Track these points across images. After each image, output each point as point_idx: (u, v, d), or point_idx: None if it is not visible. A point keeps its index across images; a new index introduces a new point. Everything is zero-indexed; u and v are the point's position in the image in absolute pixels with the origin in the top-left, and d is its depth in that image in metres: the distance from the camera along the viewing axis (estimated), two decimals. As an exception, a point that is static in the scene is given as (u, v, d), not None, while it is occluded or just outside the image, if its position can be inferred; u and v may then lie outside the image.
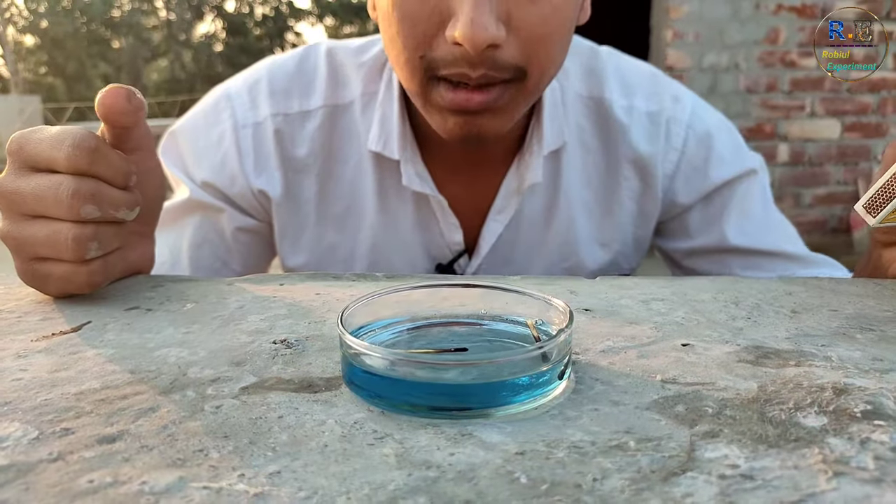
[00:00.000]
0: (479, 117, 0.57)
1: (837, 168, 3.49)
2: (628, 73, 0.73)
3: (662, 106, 0.72)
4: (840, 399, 0.29)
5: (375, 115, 0.67)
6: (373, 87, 0.69)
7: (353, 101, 0.69)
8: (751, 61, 3.33)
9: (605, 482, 0.23)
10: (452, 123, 0.57)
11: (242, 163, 0.69)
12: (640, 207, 0.73)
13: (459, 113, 0.56)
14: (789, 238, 0.75)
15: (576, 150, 0.70)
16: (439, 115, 0.58)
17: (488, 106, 0.56)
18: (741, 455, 0.25)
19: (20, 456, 0.25)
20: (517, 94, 0.57)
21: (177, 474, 0.24)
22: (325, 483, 0.23)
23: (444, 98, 0.56)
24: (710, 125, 0.74)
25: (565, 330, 0.30)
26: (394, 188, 0.69)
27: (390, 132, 0.66)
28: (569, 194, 0.71)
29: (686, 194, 0.73)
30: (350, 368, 0.31)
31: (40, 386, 0.32)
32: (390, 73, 0.68)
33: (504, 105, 0.56)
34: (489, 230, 0.70)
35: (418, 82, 0.57)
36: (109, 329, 0.40)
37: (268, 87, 0.70)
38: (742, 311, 0.42)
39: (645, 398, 0.30)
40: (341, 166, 0.70)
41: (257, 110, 0.69)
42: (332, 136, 0.69)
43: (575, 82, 0.71)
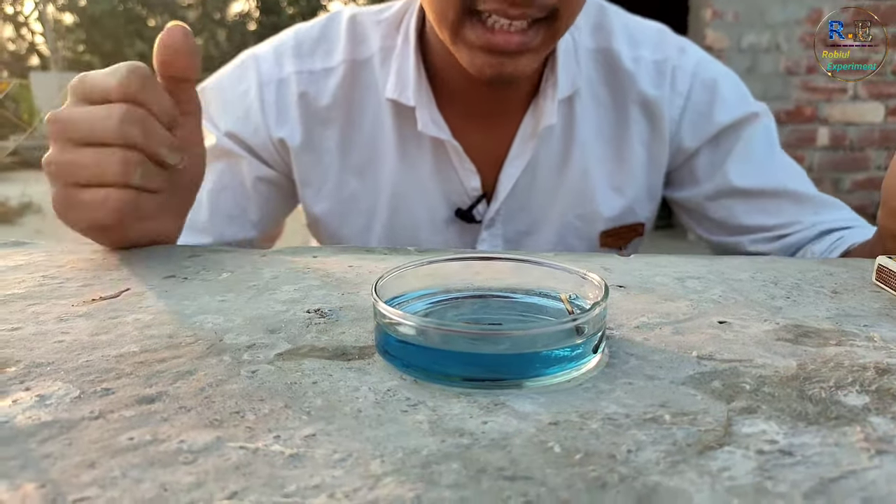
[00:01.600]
0: (510, 58, 0.58)
1: (879, 153, 3.39)
2: (635, 28, 0.75)
3: (667, 55, 0.74)
4: (883, 379, 0.28)
5: (393, 66, 0.70)
6: (390, 42, 0.71)
7: (372, 56, 0.72)
8: (792, 42, 3.24)
9: (639, 454, 0.23)
10: (482, 62, 0.58)
11: (265, 114, 0.72)
12: (650, 153, 0.75)
13: (491, 53, 0.57)
14: (795, 177, 0.75)
15: (588, 100, 0.72)
16: (469, 53, 0.59)
17: (524, 46, 0.57)
18: (780, 431, 0.24)
19: (63, 413, 0.26)
20: (547, 34, 0.59)
21: (214, 434, 0.24)
22: (359, 447, 0.23)
23: (479, 37, 0.57)
24: (716, 73, 0.75)
25: (600, 303, 0.30)
26: (412, 136, 0.71)
27: (406, 80, 0.69)
28: (582, 142, 0.73)
29: (691, 138, 0.75)
30: (384, 337, 0.31)
31: (81, 348, 0.32)
32: (407, 28, 0.70)
33: (536, 46, 0.58)
34: (506, 175, 0.72)
35: (454, 16, 0.57)
36: (147, 296, 0.40)
37: (293, 48, 0.73)
38: (781, 291, 0.41)
39: (680, 373, 0.29)
40: (361, 118, 0.72)
41: (282, 68, 0.72)
42: (353, 89, 0.72)
43: (585, 37, 0.73)
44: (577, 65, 0.71)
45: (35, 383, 0.28)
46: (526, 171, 0.72)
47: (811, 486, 0.21)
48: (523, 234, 0.76)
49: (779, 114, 3.23)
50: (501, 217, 0.74)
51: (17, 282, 0.43)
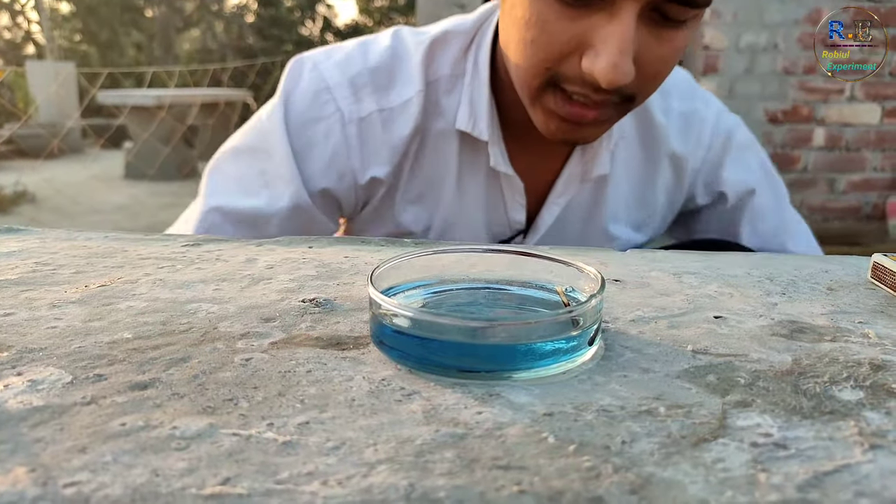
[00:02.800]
0: (583, 127, 0.60)
1: (875, 154, 3.40)
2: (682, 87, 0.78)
3: (695, 107, 0.77)
4: (877, 374, 0.29)
5: (464, 96, 0.68)
6: (460, 69, 0.70)
7: (440, 79, 0.70)
8: (790, 42, 3.24)
9: (634, 445, 0.23)
10: (555, 127, 0.60)
11: (349, 157, 0.68)
12: (669, 198, 0.79)
13: (566, 121, 0.59)
14: (805, 239, 0.80)
15: (623, 148, 0.74)
16: (545, 117, 0.61)
17: (597, 120, 0.59)
18: (774, 424, 0.24)
19: (55, 398, 0.26)
20: (621, 111, 0.61)
21: (207, 421, 0.24)
22: (352, 435, 0.23)
23: (558, 107, 0.59)
24: (731, 126, 0.79)
25: (596, 295, 0.30)
26: (471, 166, 0.71)
27: (479, 113, 0.68)
28: (617, 186, 0.75)
29: (703, 195, 0.80)
30: (379, 327, 0.31)
31: (74, 334, 0.32)
32: (476, 55, 0.69)
33: (609, 119, 0.61)
34: (549, 212, 0.73)
35: (536, 86, 0.59)
36: (141, 283, 0.40)
37: (370, 80, 0.69)
38: (777, 287, 0.41)
39: (675, 367, 0.29)
40: (428, 144, 0.71)
41: (361, 104, 0.68)
42: (425, 115, 0.70)
43: None
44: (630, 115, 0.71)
45: (27, 368, 0.28)
46: (566, 208, 0.74)
47: (805, 479, 0.21)
48: None
49: (776, 113, 3.24)
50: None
51: (10, 268, 0.43)
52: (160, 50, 12.94)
